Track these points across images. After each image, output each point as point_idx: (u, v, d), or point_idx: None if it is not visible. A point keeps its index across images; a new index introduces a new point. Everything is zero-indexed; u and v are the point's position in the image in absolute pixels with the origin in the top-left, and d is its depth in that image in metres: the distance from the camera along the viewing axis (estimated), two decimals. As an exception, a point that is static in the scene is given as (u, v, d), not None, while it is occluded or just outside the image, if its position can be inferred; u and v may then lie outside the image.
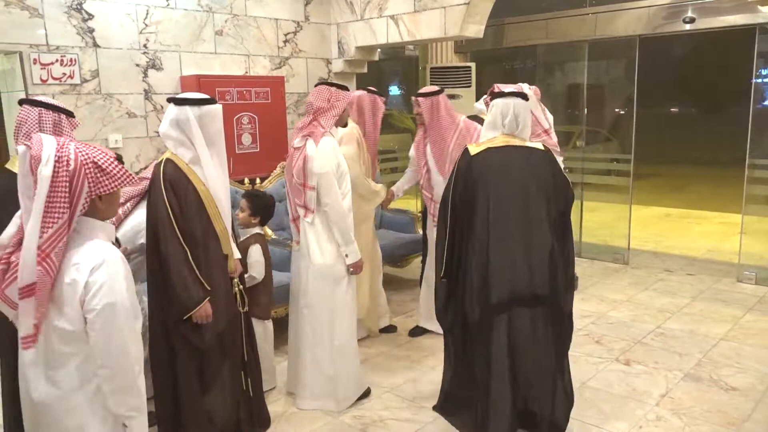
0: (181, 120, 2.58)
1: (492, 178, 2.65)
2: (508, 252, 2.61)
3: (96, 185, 1.64)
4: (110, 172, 1.66)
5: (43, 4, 3.90)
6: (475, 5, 4.70)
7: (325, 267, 3.19)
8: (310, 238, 3.19)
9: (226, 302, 2.74)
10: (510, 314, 2.63)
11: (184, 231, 2.57)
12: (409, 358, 3.98)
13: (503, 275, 2.62)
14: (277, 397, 3.47)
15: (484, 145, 2.74)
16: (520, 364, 2.67)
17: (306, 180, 3.13)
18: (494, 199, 2.63)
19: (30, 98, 2.57)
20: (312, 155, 3.09)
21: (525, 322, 2.64)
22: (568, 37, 6.64)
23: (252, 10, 5.04)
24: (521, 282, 2.62)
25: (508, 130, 2.71)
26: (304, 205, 3.18)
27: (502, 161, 2.69)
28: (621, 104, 8.32)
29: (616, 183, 6.56)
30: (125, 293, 1.64)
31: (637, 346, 4.11)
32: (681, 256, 6.25)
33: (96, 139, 4.19)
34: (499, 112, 2.71)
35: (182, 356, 2.66)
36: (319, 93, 3.22)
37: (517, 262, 2.62)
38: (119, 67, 4.30)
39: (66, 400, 1.69)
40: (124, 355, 1.64)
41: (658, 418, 3.18)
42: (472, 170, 2.69)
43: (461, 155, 2.79)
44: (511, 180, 2.65)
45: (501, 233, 2.62)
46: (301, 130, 3.23)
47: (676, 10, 5.84)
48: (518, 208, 2.63)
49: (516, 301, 2.62)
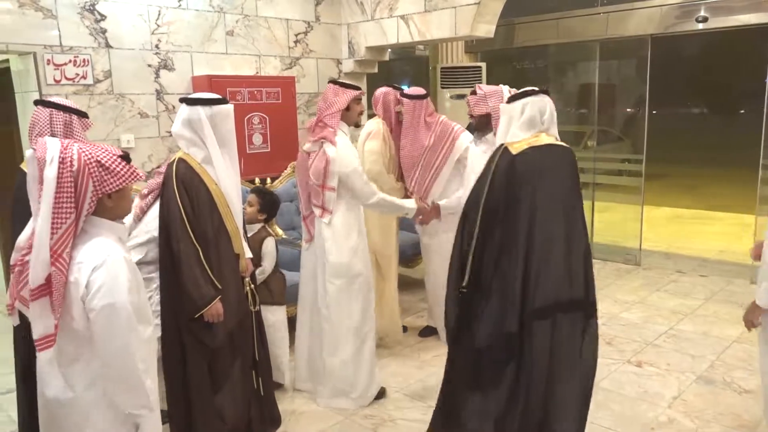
0: (193, 120, 2.59)
1: (537, 178, 2.47)
2: (552, 255, 2.45)
3: (101, 184, 1.65)
4: (114, 170, 1.67)
5: (56, 6, 3.93)
6: (485, 5, 4.69)
7: (342, 265, 3.23)
8: (326, 236, 3.22)
9: (238, 301, 2.75)
10: (552, 321, 2.46)
11: (196, 230, 2.58)
12: (419, 358, 3.98)
13: (547, 280, 2.44)
14: (288, 395, 3.48)
15: (523, 143, 2.54)
16: (555, 379, 2.48)
17: (325, 181, 3.17)
18: (540, 201, 2.45)
19: (44, 99, 2.60)
20: (334, 157, 3.14)
21: (565, 332, 2.48)
22: (580, 36, 6.61)
23: (263, 10, 5.06)
24: (563, 286, 2.47)
25: (545, 128, 2.59)
26: (322, 205, 3.21)
27: (546, 160, 2.52)
28: (632, 104, 8.26)
29: (627, 183, 6.52)
30: (126, 294, 1.63)
31: (649, 347, 4.08)
32: (693, 257, 6.20)
33: (108, 139, 4.22)
34: (537, 110, 2.56)
35: (193, 355, 2.67)
36: (325, 93, 3.28)
37: (560, 266, 2.46)
38: (131, 67, 4.33)
39: (77, 398, 1.70)
40: (127, 355, 1.64)
41: (670, 421, 3.16)
42: (515, 170, 2.48)
43: (500, 154, 2.53)
44: (554, 180, 2.50)
45: (546, 236, 2.45)
46: (310, 132, 3.26)
47: (689, 10, 5.79)
48: (560, 209, 2.49)
49: (558, 306, 2.47)
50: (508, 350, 2.51)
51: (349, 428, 3.16)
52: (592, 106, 6.78)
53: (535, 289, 2.44)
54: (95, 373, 1.69)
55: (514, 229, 2.47)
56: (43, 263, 1.60)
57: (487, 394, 2.58)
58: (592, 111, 6.85)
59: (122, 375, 1.65)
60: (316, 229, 3.30)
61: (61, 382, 1.70)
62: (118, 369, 1.65)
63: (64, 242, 1.61)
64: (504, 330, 2.49)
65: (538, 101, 2.57)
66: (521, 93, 2.62)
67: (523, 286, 2.46)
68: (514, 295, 2.46)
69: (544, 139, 2.55)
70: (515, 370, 2.51)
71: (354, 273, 3.26)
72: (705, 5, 5.69)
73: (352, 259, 3.25)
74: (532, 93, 2.59)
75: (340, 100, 3.24)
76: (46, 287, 1.62)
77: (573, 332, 2.50)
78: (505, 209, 2.49)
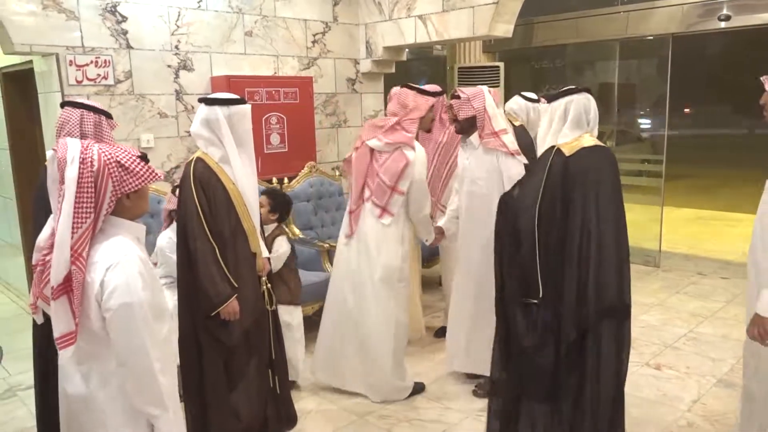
0: (211, 119, 2.62)
1: (590, 181, 2.38)
2: (604, 261, 2.37)
3: (120, 184, 1.67)
4: (134, 170, 1.69)
5: (79, 7, 3.99)
6: (504, 4, 4.67)
7: (394, 269, 3.29)
8: (380, 237, 3.27)
9: (254, 300, 2.77)
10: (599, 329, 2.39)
11: (213, 228, 2.60)
12: (434, 358, 3.97)
13: (604, 287, 2.36)
14: (304, 394, 3.50)
15: (574, 144, 2.45)
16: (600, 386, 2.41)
17: (397, 183, 3.21)
18: (592, 204, 2.36)
19: (72, 101, 2.65)
20: (413, 161, 3.20)
21: (609, 336, 2.40)
22: (599, 36, 6.55)
23: (281, 11, 5.09)
24: (617, 292, 2.39)
25: (590, 128, 2.51)
26: (385, 206, 3.25)
27: (597, 163, 2.43)
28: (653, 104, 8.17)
29: (647, 184, 6.45)
30: (141, 293, 1.64)
31: (669, 350, 4.04)
32: (714, 259, 6.12)
33: (128, 139, 4.27)
34: (582, 109, 2.47)
35: (209, 353, 2.69)
36: (403, 96, 3.31)
37: (610, 272, 2.38)
38: (151, 68, 4.38)
39: (93, 397, 1.72)
40: (143, 355, 1.65)
41: (689, 425, 3.12)
42: (568, 172, 2.39)
43: (552, 156, 2.44)
44: (605, 183, 2.42)
45: (600, 241, 2.37)
46: (380, 131, 3.27)
47: (711, 8, 5.71)
48: (611, 213, 2.40)
49: (611, 311, 2.40)
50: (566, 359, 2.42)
51: (364, 428, 3.17)
52: (611, 106, 6.72)
53: (591, 295, 2.35)
54: (110, 372, 1.70)
55: (569, 234, 2.39)
56: (64, 262, 1.62)
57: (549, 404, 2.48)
58: (611, 111, 6.79)
59: (137, 373, 1.66)
60: (364, 226, 3.32)
61: (79, 381, 1.73)
62: (133, 367, 1.66)
63: (83, 242, 1.63)
64: (562, 338, 2.41)
65: (582, 99, 2.49)
66: (562, 92, 2.53)
67: (578, 292, 2.37)
68: (571, 303, 2.38)
69: (588, 140, 2.47)
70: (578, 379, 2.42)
71: (401, 277, 3.33)
72: (728, 3, 5.60)
73: (403, 264, 3.31)
74: (574, 91, 2.50)
75: (422, 107, 3.31)
76: (67, 286, 1.64)
77: (617, 338, 2.43)
78: (560, 213, 2.40)
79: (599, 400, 2.40)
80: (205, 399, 2.71)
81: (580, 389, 2.42)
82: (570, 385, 2.44)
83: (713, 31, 5.92)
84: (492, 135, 3.26)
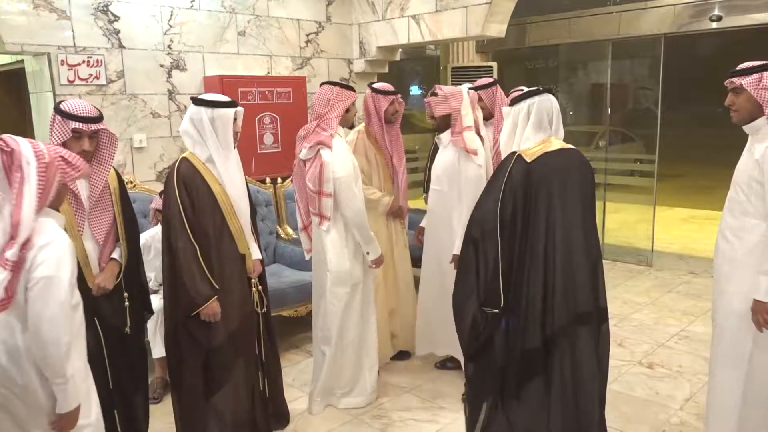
0: (195, 119, 2.62)
1: (555, 187, 2.34)
2: (573, 267, 2.36)
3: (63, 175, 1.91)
4: (74, 163, 1.95)
5: (70, 7, 3.97)
6: (497, 4, 4.67)
7: (343, 272, 3.17)
8: (327, 245, 3.17)
9: (240, 302, 2.74)
10: (576, 333, 2.39)
11: (196, 228, 2.59)
12: (428, 358, 3.96)
13: (567, 292, 2.36)
14: (299, 394, 3.49)
15: (536, 149, 2.38)
16: (580, 389, 2.42)
17: (321, 187, 3.08)
18: (558, 211, 2.34)
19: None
20: (328, 161, 3.05)
21: (585, 341, 2.40)
22: (592, 36, 6.58)
23: (274, 10, 5.08)
24: (583, 297, 2.39)
25: (553, 130, 2.44)
26: (320, 212, 3.14)
27: (561, 167, 2.38)
28: (645, 104, 8.21)
29: (639, 184, 6.47)
30: (67, 271, 1.80)
31: (661, 349, 4.05)
32: (706, 258, 6.13)
33: (121, 138, 4.25)
34: (544, 112, 2.40)
35: (188, 353, 2.68)
36: (321, 94, 3.18)
37: (582, 277, 2.38)
38: (144, 67, 4.36)
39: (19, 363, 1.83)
40: (56, 324, 1.77)
41: (681, 423, 3.13)
42: (531, 179, 2.34)
43: (512, 162, 2.38)
44: (571, 187, 2.38)
45: (567, 247, 2.34)
46: (305, 139, 3.18)
47: (703, 8, 5.74)
48: (578, 219, 2.38)
49: (581, 318, 2.38)
50: (532, 366, 2.42)
51: (358, 428, 3.16)
52: (604, 105, 6.74)
53: (559, 302, 2.35)
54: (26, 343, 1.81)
55: (533, 241, 2.36)
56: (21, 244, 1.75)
57: (516, 409, 2.48)
58: (603, 111, 6.82)
59: (46, 341, 1.77)
60: (316, 237, 3.25)
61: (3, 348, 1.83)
62: (44, 335, 1.76)
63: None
64: (527, 346, 2.39)
65: (545, 101, 2.41)
66: (525, 94, 2.46)
67: (544, 300, 2.36)
68: (536, 309, 2.37)
69: (554, 143, 2.42)
70: (543, 386, 2.42)
71: (355, 281, 3.21)
72: (719, 4, 5.64)
73: (353, 264, 3.19)
74: (536, 93, 2.43)
75: (343, 103, 3.16)
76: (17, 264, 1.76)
77: (594, 342, 2.43)
78: (522, 221, 2.36)
79: (579, 410, 2.40)
80: (185, 399, 2.72)
81: (547, 396, 2.42)
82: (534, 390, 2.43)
83: (705, 31, 5.96)
84: (458, 133, 3.29)
